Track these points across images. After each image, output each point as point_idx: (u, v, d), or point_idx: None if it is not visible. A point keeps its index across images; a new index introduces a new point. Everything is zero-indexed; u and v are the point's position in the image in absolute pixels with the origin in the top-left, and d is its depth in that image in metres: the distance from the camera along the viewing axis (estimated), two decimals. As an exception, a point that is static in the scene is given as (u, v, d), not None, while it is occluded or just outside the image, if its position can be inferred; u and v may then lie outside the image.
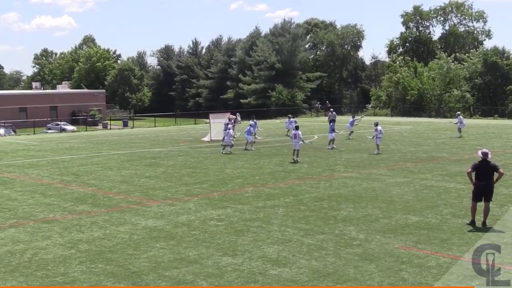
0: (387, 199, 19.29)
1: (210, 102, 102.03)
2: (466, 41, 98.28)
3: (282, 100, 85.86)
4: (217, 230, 15.50)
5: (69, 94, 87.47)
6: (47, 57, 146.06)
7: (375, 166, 27.23)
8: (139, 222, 16.53)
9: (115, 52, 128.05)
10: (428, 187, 21.45)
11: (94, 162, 31.00)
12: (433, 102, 77.41)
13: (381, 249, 13.46)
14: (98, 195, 21.05)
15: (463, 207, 17.75)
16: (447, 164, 27.77)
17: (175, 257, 13.12)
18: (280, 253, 13.28)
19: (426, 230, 15.08)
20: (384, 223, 15.92)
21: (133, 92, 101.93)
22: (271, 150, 35.03)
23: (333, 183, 22.67)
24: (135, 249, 13.78)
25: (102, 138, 49.54)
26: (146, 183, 23.54)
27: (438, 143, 37.86)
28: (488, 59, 76.02)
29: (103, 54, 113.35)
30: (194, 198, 20.16)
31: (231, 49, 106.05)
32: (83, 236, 15.13)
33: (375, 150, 32.04)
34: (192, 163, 29.83)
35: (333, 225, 15.82)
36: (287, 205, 18.53)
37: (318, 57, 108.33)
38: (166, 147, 38.75)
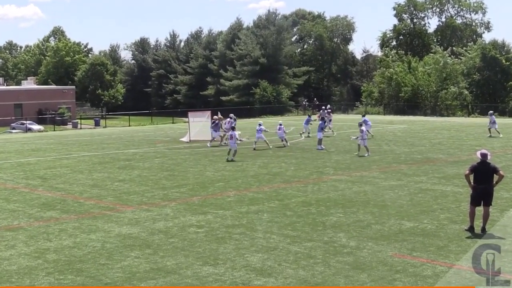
0: (380, 204, 19.37)
1: (189, 99, 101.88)
2: (464, 34, 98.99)
3: (267, 97, 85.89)
4: (197, 237, 15.47)
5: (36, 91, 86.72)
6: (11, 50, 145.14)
7: (366, 168, 27.34)
8: (112, 229, 16.45)
9: (86, 45, 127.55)
10: (423, 191, 21.56)
11: (63, 165, 30.83)
12: (428, 99, 77.90)
13: (373, 257, 13.51)
14: (68, 200, 20.93)
15: (461, 212, 17.86)
16: (444, 166, 27.95)
17: (151, 267, 13.07)
18: (265, 262, 13.28)
19: (422, 237, 15.15)
20: (377, 230, 15.99)
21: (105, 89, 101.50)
22: (254, 151, 35.04)
23: (322, 187, 22.72)
24: (108, 259, 13.72)
25: (71, 138, 49.29)
26: (119, 187, 23.45)
27: (434, 144, 38.10)
28: (487, 53, 76.59)
29: (72, 48, 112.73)
30: (172, 203, 20.11)
31: (212, 42, 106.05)
32: (51, 244, 15.03)
33: (365, 152, 32.10)
34: (170, 165, 29.77)
35: (322, 231, 15.85)
36: (272, 211, 18.54)
37: (305, 51, 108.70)
38: (141, 148, 38.64)
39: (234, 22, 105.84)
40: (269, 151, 34.73)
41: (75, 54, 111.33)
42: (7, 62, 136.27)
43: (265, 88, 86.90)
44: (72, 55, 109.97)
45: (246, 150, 35.31)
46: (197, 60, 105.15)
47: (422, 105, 77.31)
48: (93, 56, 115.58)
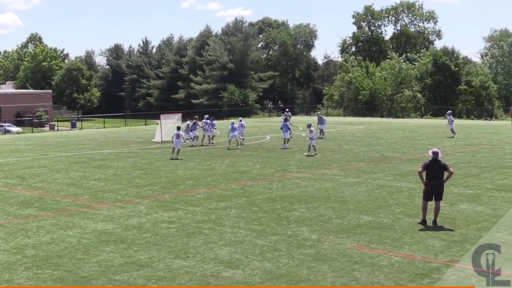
0: (340, 199, 19.50)
1: (161, 102, 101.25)
2: (417, 41, 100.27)
3: (234, 100, 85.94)
4: (169, 232, 15.42)
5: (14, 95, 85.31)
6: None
7: (327, 166, 27.50)
8: (88, 226, 16.32)
9: (62, 51, 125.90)
10: (380, 187, 21.77)
11: (40, 165, 30.46)
12: (385, 102, 78.71)
13: (334, 249, 13.61)
14: (45, 199, 20.70)
15: (414, 206, 18.07)
16: (399, 163, 28.24)
17: (125, 260, 13.00)
18: (232, 255, 13.29)
19: (378, 230, 15.30)
20: (337, 223, 16.10)
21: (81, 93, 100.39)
22: (223, 151, 35.01)
23: (286, 184, 22.80)
24: (84, 253, 13.61)
25: (49, 139, 48.70)
26: (95, 186, 23.26)
27: (390, 143, 38.46)
28: (438, 59, 77.62)
29: (49, 53, 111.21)
30: (145, 200, 20.01)
31: (182, 48, 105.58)
32: (29, 241, 14.85)
33: (313, 152, 32.20)
34: (143, 164, 29.61)
35: (286, 226, 15.92)
36: (240, 207, 18.56)
37: (270, 56, 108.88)
38: (115, 148, 38.35)
39: (204, 29, 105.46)
40: (236, 150, 34.73)
41: (52, 59, 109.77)
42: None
43: (233, 92, 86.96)
44: (49, 61, 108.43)
45: (215, 150, 35.27)
46: (168, 65, 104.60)
47: (379, 108, 78.05)
48: (69, 62, 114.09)
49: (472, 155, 31.37)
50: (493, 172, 24.96)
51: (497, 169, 25.82)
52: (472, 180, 23.07)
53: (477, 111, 72.77)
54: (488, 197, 19.64)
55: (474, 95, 76.55)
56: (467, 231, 15.05)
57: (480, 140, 40.20)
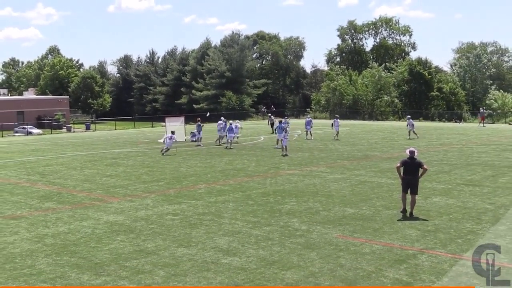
0: (326, 194, 19.49)
1: (166, 107, 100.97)
2: (395, 52, 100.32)
3: (231, 105, 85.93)
4: (173, 223, 15.38)
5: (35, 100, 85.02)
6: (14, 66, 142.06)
7: (315, 164, 27.48)
8: (101, 218, 16.26)
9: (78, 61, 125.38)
10: (362, 182, 21.77)
11: (58, 163, 30.36)
12: (366, 106, 78.74)
13: (321, 238, 13.60)
14: (63, 193, 20.62)
15: (393, 199, 18.09)
16: (379, 161, 28.25)
17: (134, 249, 12.96)
18: (230, 243, 13.26)
19: (361, 221, 15.30)
20: (324, 215, 16.09)
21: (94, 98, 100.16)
22: (221, 150, 34.95)
23: (278, 180, 22.78)
24: (98, 242, 13.56)
25: (66, 140, 48.54)
26: (107, 182, 23.18)
27: (371, 143, 38.47)
28: (413, 68, 77.76)
29: (66, 63, 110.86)
30: (152, 194, 19.96)
31: (185, 58, 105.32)
32: (49, 231, 14.79)
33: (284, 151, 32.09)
34: (150, 162, 29.53)
35: (278, 217, 15.90)
36: (237, 200, 18.53)
37: (264, 66, 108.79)
38: (125, 148, 38.24)
39: (204, 42, 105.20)
40: (233, 150, 34.68)
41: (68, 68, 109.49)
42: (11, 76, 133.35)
43: (230, 98, 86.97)
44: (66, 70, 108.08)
45: (215, 149, 35.20)
46: (172, 73, 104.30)
47: (361, 111, 78.07)
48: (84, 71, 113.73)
49: (444, 153, 31.40)
50: (462, 169, 24.99)
51: (466, 166, 25.86)
52: (444, 176, 23.09)
53: (447, 114, 72.85)
54: (458, 191, 19.65)
55: (445, 100, 76.72)
56: (440, 222, 15.06)
57: (451, 140, 40.26)
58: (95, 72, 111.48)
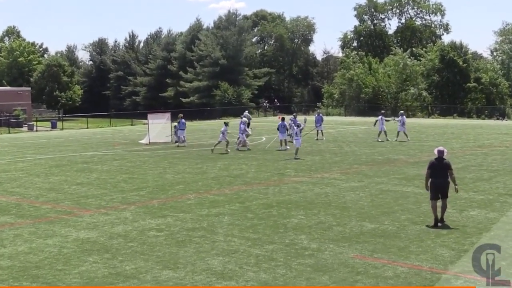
0: (341, 205, 19.48)
1: (149, 101, 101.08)
2: (423, 35, 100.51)
3: (227, 98, 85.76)
4: (157, 241, 15.37)
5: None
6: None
7: (327, 170, 27.49)
8: (70, 234, 16.24)
9: (41, 45, 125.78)
10: (384, 192, 21.76)
11: (18, 168, 30.36)
12: (388, 100, 78.79)
13: (334, 259, 13.57)
14: (23, 205, 20.60)
15: (421, 212, 18.06)
16: (404, 166, 28.24)
17: (110, 271, 12.94)
18: (225, 265, 13.24)
19: (383, 238, 15.28)
20: (338, 231, 16.07)
21: (62, 90, 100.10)
22: (215, 153, 34.96)
23: (283, 189, 22.77)
24: (65, 264, 13.54)
25: (27, 141, 48.58)
26: (77, 191, 23.18)
27: (395, 145, 38.49)
28: (446, 55, 77.74)
29: (27, 48, 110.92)
30: (131, 206, 19.95)
31: (171, 43, 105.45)
32: (5, 251, 14.76)
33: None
34: (129, 168, 29.54)
35: (283, 234, 15.88)
36: (233, 213, 18.51)
37: (265, 51, 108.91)
38: (99, 150, 38.26)
39: (194, 23, 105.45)
40: (231, 153, 34.68)
41: (30, 54, 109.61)
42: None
43: (226, 90, 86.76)
44: (27, 56, 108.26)
45: (207, 152, 35.22)
46: (156, 61, 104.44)
47: (383, 107, 78.09)
48: (49, 57, 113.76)
49: (483, 157, 31.41)
50: (506, 176, 24.98)
51: (510, 173, 25.84)
52: (484, 184, 23.08)
53: (487, 110, 72.97)
54: (501, 203, 19.63)
55: (484, 93, 76.78)
56: (478, 240, 15.03)
57: (492, 141, 40.28)
58: (62, 59, 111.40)
